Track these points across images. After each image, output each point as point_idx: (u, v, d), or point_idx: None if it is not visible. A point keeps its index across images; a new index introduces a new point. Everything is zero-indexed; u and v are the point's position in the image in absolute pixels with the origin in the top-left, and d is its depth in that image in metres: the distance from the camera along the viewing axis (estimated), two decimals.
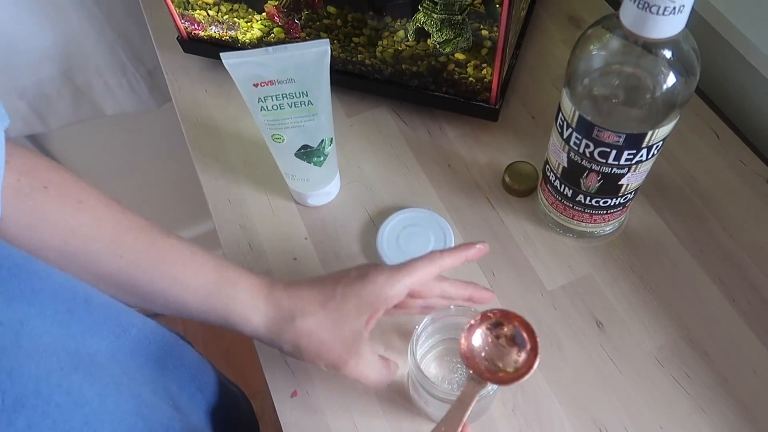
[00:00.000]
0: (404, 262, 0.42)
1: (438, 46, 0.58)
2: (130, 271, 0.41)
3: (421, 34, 0.58)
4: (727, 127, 0.62)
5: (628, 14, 0.38)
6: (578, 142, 0.45)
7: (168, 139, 1.10)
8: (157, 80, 0.99)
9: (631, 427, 0.48)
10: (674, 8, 0.36)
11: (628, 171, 0.46)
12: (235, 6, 0.64)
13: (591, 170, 0.47)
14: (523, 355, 0.39)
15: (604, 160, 0.46)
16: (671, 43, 0.39)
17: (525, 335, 0.39)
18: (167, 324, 0.45)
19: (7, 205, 0.38)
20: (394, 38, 0.60)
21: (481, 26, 0.56)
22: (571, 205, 0.53)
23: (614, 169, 0.46)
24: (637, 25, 0.38)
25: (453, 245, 0.54)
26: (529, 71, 0.69)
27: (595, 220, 0.53)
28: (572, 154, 0.47)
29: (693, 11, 0.59)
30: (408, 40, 0.60)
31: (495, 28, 0.55)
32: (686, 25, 0.38)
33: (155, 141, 1.13)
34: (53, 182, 0.40)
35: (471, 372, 0.39)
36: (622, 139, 0.43)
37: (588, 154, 0.46)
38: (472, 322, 0.41)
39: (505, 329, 0.40)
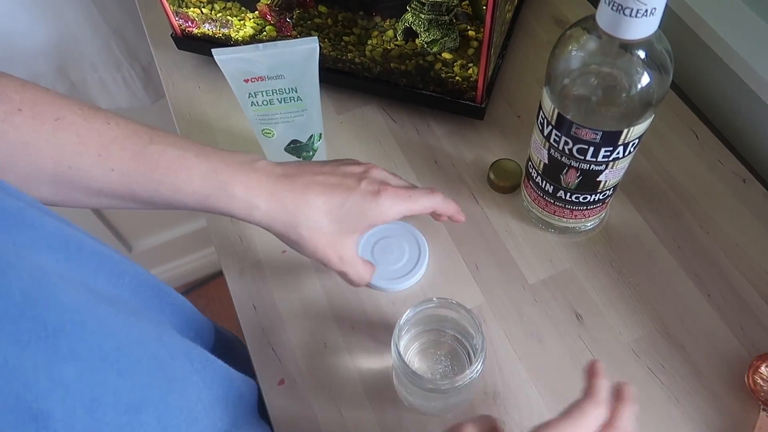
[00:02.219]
0: (407, 187, 0.47)
1: (426, 45, 0.60)
2: (124, 181, 0.41)
3: (410, 34, 0.60)
4: (707, 127, 0.64)
5: (603, 16, 0.40)
6: (558, 139, 0.47)
7: None
8: (152, 76, 1.01)
9: None
10: (646, 11, 0.37)
11: (606, 168, 0.48)
12: (229, 4, 0.65)
13: (570, 167, 0.49)
14: None
15: (583, 157, 0.47)
16: (645, 43, 0.40)
17: None
18: None
19: None
20: (383, 37, 0.61)
21: (468, 27, 0.57)
22: (552, 201, 0.54)
23: (592, 166, 0.48)
24: (612, 27, 0.39)
25: (427, 259, 0.56)
26: (515, 71, 0.70)
27: (575, 215, 0.55)
28: (552, 151, 0.49)
29: (672, 13, 0.61)
30: (397, 40, 0.61)
31: (481, 29, 0.56)
32: (659, 27, 0.40)
33: None
34: (26, 102, 0.40)
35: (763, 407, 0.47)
36: (599, 137, 0.45)
37: (567, 151, 0.47)
38: (755, 361, 0.49)
39: None
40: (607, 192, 0.52)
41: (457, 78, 0.61)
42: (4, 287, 0.27)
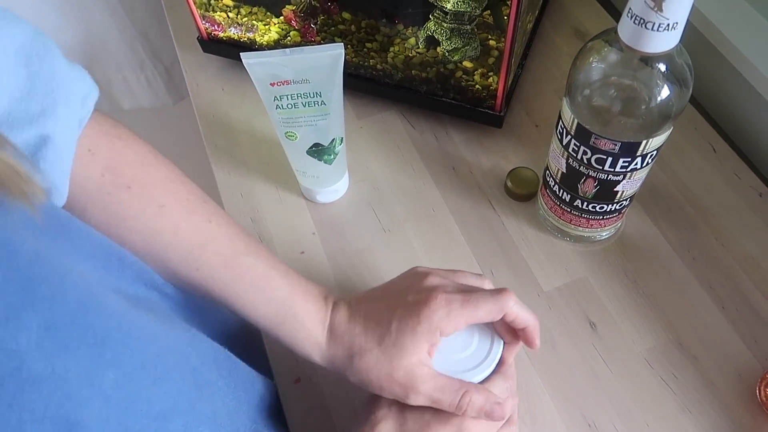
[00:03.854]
0: (468, 295, 0.41)
1: (447, 54, 0.61)
2: (204, 282, 0.41)
3: (431, 42, 0.61)
4: (724, 141, 0.64)
5: (625, 29, 0.40)
6: (576, 149, 0.48)
7: (182, 136, 1.13)
8: (174, 77, 1.02)
9: (619, 424, 0.50)
10: (668, 25, 0.38)
11: (624, 178, 0.49)
12: (255, 9, 0.66)
13: (588, 176, 0.49)
14: None
15: (601, 167, 0.48)
16: (666, 57, 0.41)
17: None
18: None
19: (89, 199, 0.38)
20: (405, 45, 0.63)
21: (489, 36, 0.58)
22: (569, 210, 0.55)
23: (610, 176, 0.49)
24: (634, 40, 0.40)
25: (497, 360, 0.43)
26: (534, 81, 0.71)
27: (591, 225, 0.55)
28: (571, 160, 0.49)
29: (692, 27, 0.61)
30: (418, 47, 0.62)
31: (502, 39, 0.57)
32: (681, 41, 0.40)
33: (169, 137, 1.15)
34: (137, 181, 0.40)
35: None
36: (618, 147, 0.45)
37: (585, 161, 0.48)
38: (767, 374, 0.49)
39: None
40: (624, 202, 0.53)
41: (477, 86, 0.62)
42: (61, 295, 0.27)
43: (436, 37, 0.60)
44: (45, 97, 0.35)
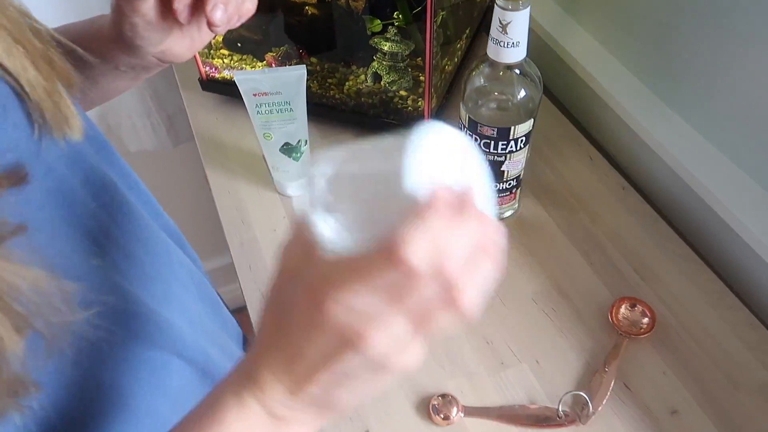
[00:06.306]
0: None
1: (387, 84, 0.82)
2: None
3: (376, 78, 0.82)
4: (599, 153, 0.85)
5: (491, 49, 0.61)
6: (470, 136, 0.67)
7: (181, 175, 1.32)
8: (175, 124, 1.23)
9: (511, 343, 0.66)
10: (513, 43, 0.59)
11: (505, 159, 0.68)
12: (244, 56, 0.88)
13: None
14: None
15: (488, 150, 0.67)
16: (518, 66, 0.62)
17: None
18: None
19: None
20: (358, 80, 0.83)
21: (420, 74, 0.79)
22: None
23: (495, 157, 0.68)
24: (495, 55, 0.61)
25: None
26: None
27: None
28: None
29: (553, 52, 0.82)
30: (367, 81, 0.83)
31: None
32: (527, 55, 0.61)
33: (170, 176, 1.35)
34: None
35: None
36: (495, 132, 0.65)
37: (477, 146, 0.67)
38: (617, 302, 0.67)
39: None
40: (512, 182, 0.72)
41: (410, 108, 0.83)
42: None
43: (379, 72, 0.81)
44: None
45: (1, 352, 0.29)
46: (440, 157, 0.31)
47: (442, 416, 0.60)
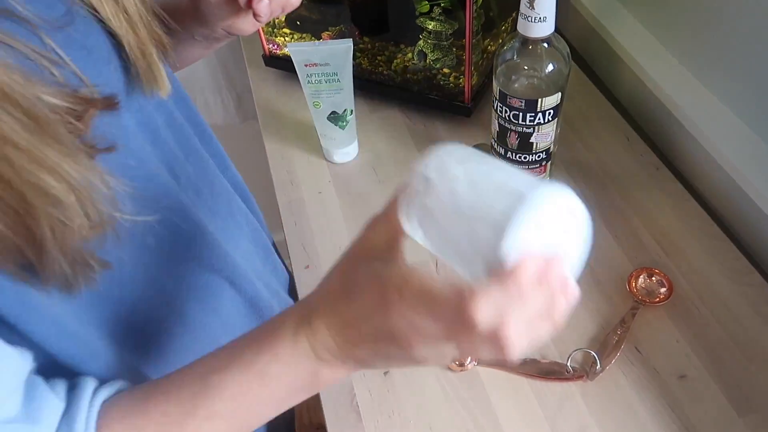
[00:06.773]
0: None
1: (432, 62, 0.87)
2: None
3: (422, 56, 0.87)
4: (635, 133, 0.86)
5: (520, 24, 0.65)
6: (500, 108, 0.71)
7: (247, 150, 1.42)
8: (243, 103, 1.33)
9: None
10: (540, 18, 0.63)
11: (534, 131, 0.72)
12: (303, 34, 0.95)
13: (511, 131, 0.73)
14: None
15: (517, 121, 0.71)
16: (546, 40, 0.65)
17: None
18: None
19: None
20: (405, 57, 0.89)
21: (463, 52, 0.84)
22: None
23: (524, 129, 0.72)
24: (524, 30, 0.65)
25: None
26: None
27: None
28: (500, 120, 0.73)
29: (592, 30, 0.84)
30: (413, 59, 0.88)
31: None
32: (555, 30, 0.65)
33: (236, 150, 1.45)
34: None
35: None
36: (523, 104, 0.69)
37: (506, 117, 0.72)
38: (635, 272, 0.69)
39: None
40: (541, 154, 0.75)
41: (452, 85, 0.88)
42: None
43: (424, 51, 0.87)
44: None
45: (78, 236, 0.37)
46: (548, 224, 0.32)
47: (457, 363, 0.65)
